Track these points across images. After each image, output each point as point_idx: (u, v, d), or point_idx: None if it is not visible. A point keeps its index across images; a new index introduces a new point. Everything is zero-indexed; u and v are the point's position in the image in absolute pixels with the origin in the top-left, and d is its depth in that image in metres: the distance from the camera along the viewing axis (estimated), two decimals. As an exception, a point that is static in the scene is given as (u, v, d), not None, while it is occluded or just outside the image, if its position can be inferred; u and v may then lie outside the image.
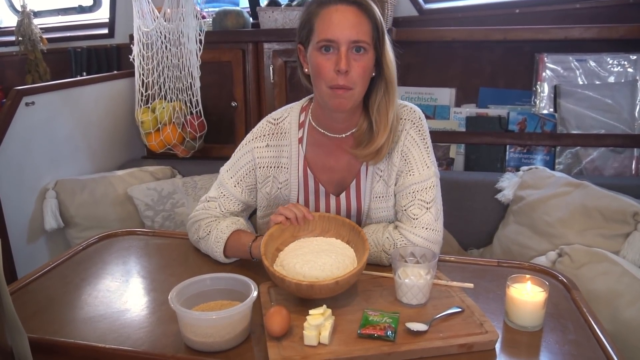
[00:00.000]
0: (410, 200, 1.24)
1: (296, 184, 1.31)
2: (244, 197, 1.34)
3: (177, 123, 2.43)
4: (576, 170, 2.33)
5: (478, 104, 2.54)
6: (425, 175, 1.24)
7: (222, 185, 1.34)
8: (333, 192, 1.31)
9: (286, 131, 1.31)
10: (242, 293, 1.00)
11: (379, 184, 1.28)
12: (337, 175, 1.31)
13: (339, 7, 1.14)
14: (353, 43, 1.13)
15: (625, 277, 1.57)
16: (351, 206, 1.31)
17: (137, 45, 2.41)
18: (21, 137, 2.11)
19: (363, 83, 1.18)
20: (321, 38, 1.14)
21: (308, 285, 1.00)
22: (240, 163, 1.33)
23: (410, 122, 1.26)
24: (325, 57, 1.15)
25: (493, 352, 0.94)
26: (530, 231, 1.93)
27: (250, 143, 1.32)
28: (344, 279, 1.02)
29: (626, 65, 2.31)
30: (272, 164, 1.31)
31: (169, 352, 0.94)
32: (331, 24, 1.13)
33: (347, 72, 1.13)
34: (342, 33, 1.13)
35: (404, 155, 1.25)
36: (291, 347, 0.92)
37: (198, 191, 2.39)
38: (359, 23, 1.14)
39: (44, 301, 1.13)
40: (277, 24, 2.45)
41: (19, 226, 2.13)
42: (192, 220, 1.36)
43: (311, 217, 1.18)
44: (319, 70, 1.16)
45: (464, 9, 2.56)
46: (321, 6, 1.16)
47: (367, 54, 1.16)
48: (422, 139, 1.26)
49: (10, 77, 3.23)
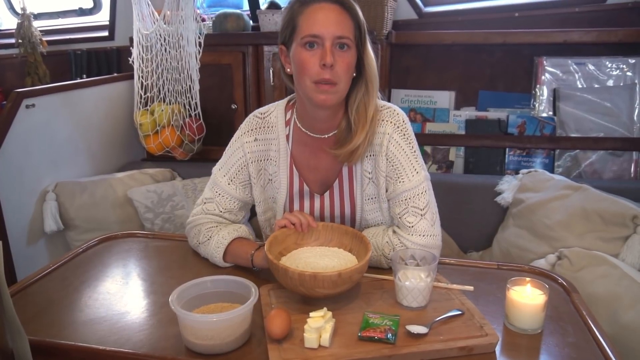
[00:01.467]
0: (404, 207, 1.23)
1: (285, 177, 1.31)
2: (239, 193, 1.34)
3: (176, 126, 2.44)
4: (575, 173, 2.33)
5: (477, 107, 2.55)
6: (415, 182, 1.23)
7: (216, 184, 1.34)
8: (317, 192, 1.32)
9: (273, 125, 1.32)
10: (242, 296, 1.00)
11: (369, 186, 1.28)
12: (321, 175, 1.31)
13: (322, 4, 1.16)
14: (337, 39, 1.14)
15: (625, 280, 1.57)
16: (335, 206, 1.31)
17: (137, 47, 2.41)
18: (21, 139, 2.12)
19: (347, 79, 1.18)
20: (306, 34, 1.15)
21: (311, 275, 1.00)
22: (232, 160, 1.33)
23: (392, 125, 1.24)
24: (309, 52, 1.16)
25: (493, 354, 0.94)
26: (529, 234, 1.94)
27: (240, 139, 1.33)
28: (347, 273, 1.02)
29: (625, 69, 2.32)
30: (262, 157, 1.32)
31: (169, 355, 0.94)
32: (316, 21, 1.15)
33: (332, 66, 1.14)
34: (327, 29, 1.14)
35: (390, 160, 1.24)
36: (292, 349, 0.92)
37: (198, 193, 2.39)
38: (342, 20, 1.15)
39: (44, 303, 1.13)
40: (277, 27, 2.43)
41: (18, 228, 2.13)
42: (192, 224, 1.36)
43: (315, 225, 1.19)
44: (303, 66, 1.17)
45: (463, 12, 2.56)
46: (304, 5, 1.17)
47: (350, 50, 1.17)
48: (407, 143, 1.24)
49: (10, 80, 3.24)
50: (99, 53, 3.03)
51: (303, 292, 1.04)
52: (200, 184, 2.44)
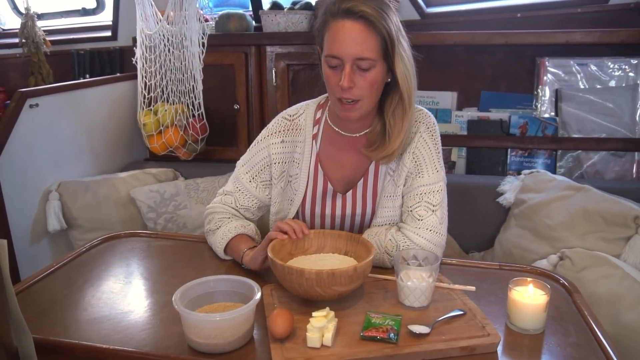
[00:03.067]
0: (417, 201, 1.25)
1: (305, 179, 1.32)
2: (259, 192, 1.35)
3: (179, 126, 2.44)
4: (577, 173, 2.33)
5: (479, 107, 2.55)
6: (434, 179, 1.25)
7: (238, 179, 1.36)
8: (340, 191, 1.32)
9: (301, 127, 1.33)
10: (245, 295, 1.01)
11: (389, 184, 1.29)
12: (347, 173, 1.32)
13: (345, 22, 1.13)
14: (357, 60, 1.14)
15: (626, 280, 1.57)
16: (357, 204, 1.32)
17: (140, 48, 2.42)
18: (25, 139, 2.12)
19: (371, 94, 1.19)
20: (327, 54, 1.17)
21: (329, 272, 1.00)
22: (256, 159, 1.34)
23: (424, 126, 1.28)
24: (332, 71, 1.17)
25: (495, 354, 0.95)
26: (531, 234, 1.94)
27: (266, 139, 1.34)
28: (361, 267, 1.03)
29: (627, 70, 2.32)
30: (287, 160, 1.33)
31: (173, 354, 0.95)
32: (336, 41, 1.14)
33: (351, 88, 1.15)
34: (346, 51, 1.13)
35: (415, 157, 1.27)
36: (294, 348, 0.93)
37: (200, 193, 2.40)
38: (365, 40, 1.13)
39: (48, 302, 1.14)
40: (280, 27, 2.46)
41: (22, 228, 2.14)
42: (209, 210, 1.38)
43: (308, 232, 1.19)
44: (327, 81, 1.20)
45: (465, 13, 2.56)
46: (332, 17, 1.16)
47: (374, 68, 1.16)
48: (434, 144, 1.28)
49: (13, 79, 3.24)
50: (102, 53, 3.04)
51: (318, 293, 1.03)
52: (202, 183, 2.44)
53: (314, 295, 1.04)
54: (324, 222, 1.36)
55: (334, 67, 1.17)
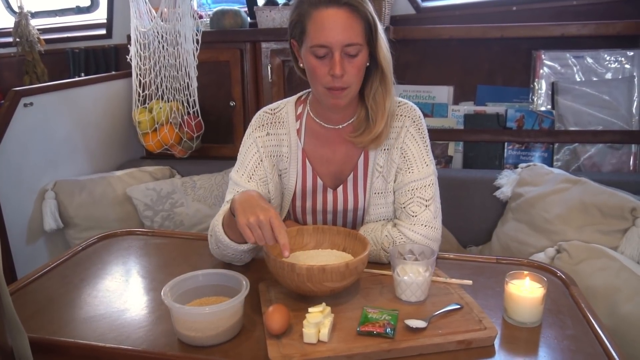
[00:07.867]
0: (410, 197, 1.24)
1: (294, 174, 1.31)
2: (260, 190, 1.29)
3: (174, 123, 2.44)
4: (574, 166, 2.33)
5: (476, 101, 2.54)
6: (424, 173, 1.25)
7: (236, 184, 1.30)
8: (331, 186, 1.32)
9: (284, 120, 1.32)
10: (234, 289, 1.01)
11: (378, 180, 1.29)
12: (335, 167, 1.31)
13: (329, 10, 1.13)
14: (346, 47, 1.14)
15: (623, 272, 1.57)
16: (348, 200, 1.32)
17: (135, 45, 2.41)
18: (19, 138, 2.11)
19: (358, 80, 1.19)
20: (314, 44, 1.14)
21: (319, 268, 1.00)
22: (247, 157, 1.31)
23: (410, 120, 1.27)
24: (319, 61, 1.16)
25: (492, 348, 0.95)
26: (528, 228, 1.94)
27: (252, 135, 1.32)
28: (353, 263, 1.02)
29: (623, 62, 2.32)
30: (275, 153, 1.31)
31: (169, 351, 0.95)
32: (323, 29, 1.13)
33: (342, 76, 1.15)
34: (335, 38, 1.13)
35: (403, 152, 1.26)
36: (291, 344, 0.93)
37: (197, 191, 2.39)
38: (351, 25, 1.13)
39: (44, 301, 1.13)
40: (275, 23, 2.45)
41: (18, 227, 2.13)
42: (211, 226, 1.24)
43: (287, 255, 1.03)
44: (313, 73, 1.18)
45: (461, 7, 2.56)
46: (312, 7, 1.15)
47: (361, 53, 1.16)
48: (421, 138, 1.27)
49: (7, 78, 3.23)
50: (97, 51, 3.02)
51: (310, 288, 1.03)
52: (199, 181, 2.44)
53: (306, 290, 1.04)
54: (316, 218, 1.35)
55: (322, 57, 1.15)
